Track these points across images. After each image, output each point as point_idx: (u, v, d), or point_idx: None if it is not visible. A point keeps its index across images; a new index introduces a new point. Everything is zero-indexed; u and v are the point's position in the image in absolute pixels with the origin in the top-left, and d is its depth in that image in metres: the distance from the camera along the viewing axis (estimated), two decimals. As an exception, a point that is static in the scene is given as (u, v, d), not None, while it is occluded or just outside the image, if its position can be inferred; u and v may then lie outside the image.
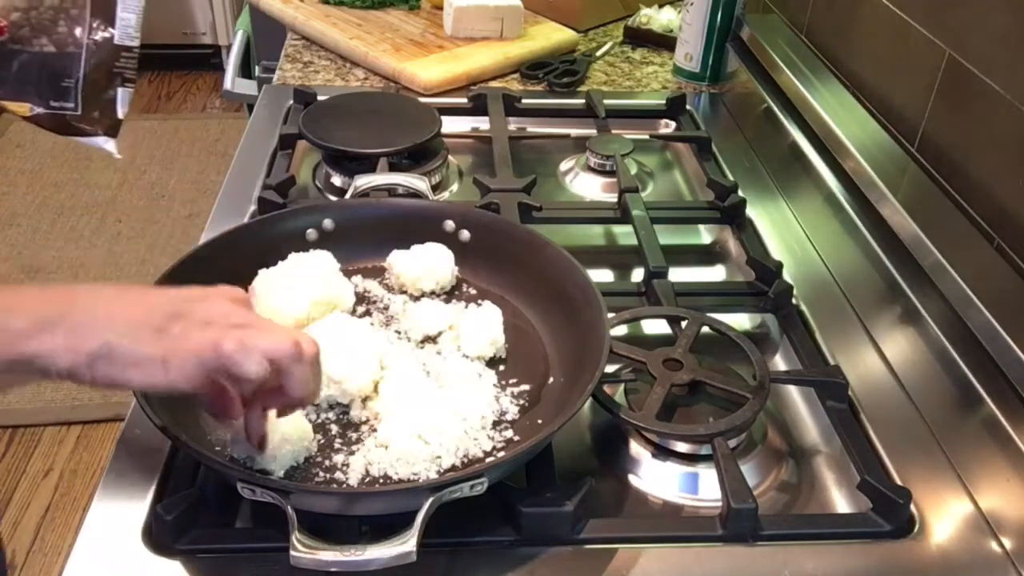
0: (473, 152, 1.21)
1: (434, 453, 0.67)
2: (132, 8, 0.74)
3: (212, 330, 0.56)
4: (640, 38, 1.56)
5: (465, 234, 0.89)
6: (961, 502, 0.71)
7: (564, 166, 1.19)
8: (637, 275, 0.97)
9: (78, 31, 0.72)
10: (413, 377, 0.73)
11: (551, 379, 0.77)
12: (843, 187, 1.03)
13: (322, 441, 0.69)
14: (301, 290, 0.79)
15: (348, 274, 0.86)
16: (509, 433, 0.71)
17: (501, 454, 0.68)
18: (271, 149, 1.14)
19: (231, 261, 0.82)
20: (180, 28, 3.70)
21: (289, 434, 0.66)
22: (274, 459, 0.65)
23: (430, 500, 0.59)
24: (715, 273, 1.03)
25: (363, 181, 0.98)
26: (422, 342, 0.80)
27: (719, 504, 0.68)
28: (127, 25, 0.74)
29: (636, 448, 0.75)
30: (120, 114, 0.76)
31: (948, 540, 0.68)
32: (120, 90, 0.76)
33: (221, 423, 0.66)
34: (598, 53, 1.50)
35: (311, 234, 0.88)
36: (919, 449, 0.75)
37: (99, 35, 0.73)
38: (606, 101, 1.27)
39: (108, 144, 0.77)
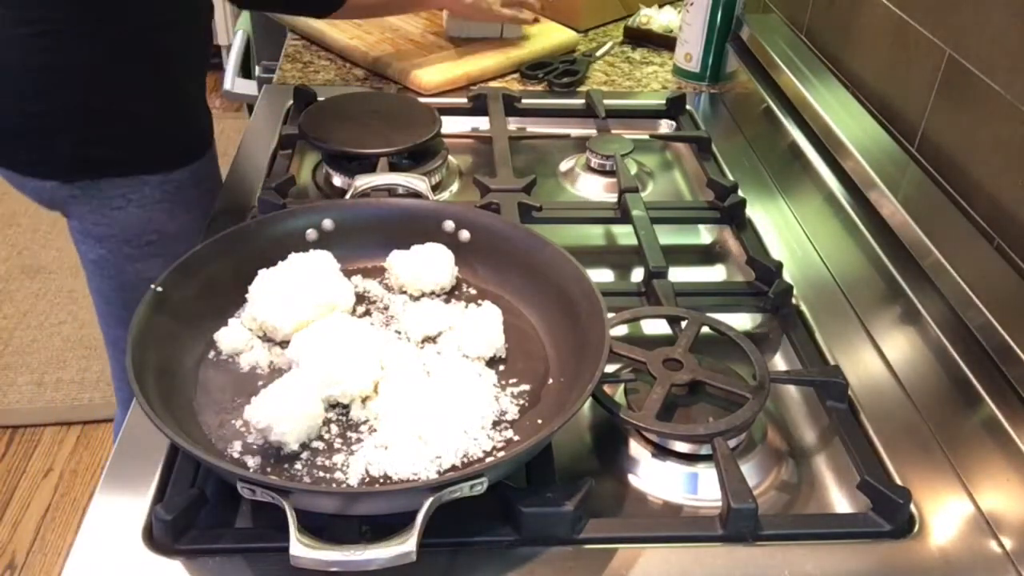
0: (473, 152, 1.21)
1: (434, 453, 0.67)
2: None
3: None
4: (640, 38, 1.56)
5: (465, 234, 0.89)
6: (961, 502, 0.71)
7: (564, 166, 1.19)
8: (637, 275, 0.97)
9: None
10: (413, 377, 0.73)
11: (551, 379, 0.77)
12: (843, 187, 1.03)
13: (322, 441, 0.69)
14: (301, 290, 0.79)
15: (348, 274, 0.86)
16: (509, 433, 0.71)
17: (501, 454, 0.68)
18: (271, 149, 1.14)
19: (231, 261, 0.82)
20: (180, 28, 3.70)
21: (309, 411, 0.67)
22: (291, 432, 0.67)
23: (430, 500, 0.59)
24: (715, 273, 1.03)
25: (363, 181, 0.98)
26: (422, 342, 0.80)
27: (719, 504, 0.68)
28: None
29: (636, 448, 0.75)
30: None
31: (948, 540, 0.68)
32: None
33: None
34: (598, 53, 1.50)
35: (311, 234, 0.88)
36: (919, 449, 0.75)
37: None
38: (606, 101, 1.27)
39: None
